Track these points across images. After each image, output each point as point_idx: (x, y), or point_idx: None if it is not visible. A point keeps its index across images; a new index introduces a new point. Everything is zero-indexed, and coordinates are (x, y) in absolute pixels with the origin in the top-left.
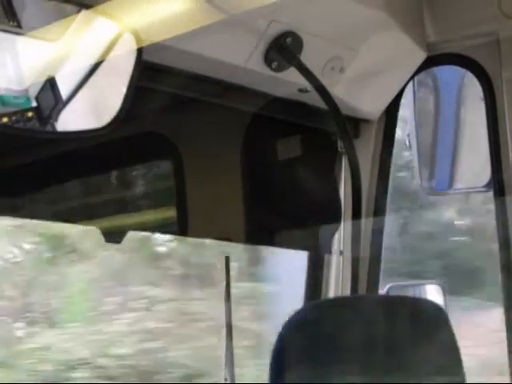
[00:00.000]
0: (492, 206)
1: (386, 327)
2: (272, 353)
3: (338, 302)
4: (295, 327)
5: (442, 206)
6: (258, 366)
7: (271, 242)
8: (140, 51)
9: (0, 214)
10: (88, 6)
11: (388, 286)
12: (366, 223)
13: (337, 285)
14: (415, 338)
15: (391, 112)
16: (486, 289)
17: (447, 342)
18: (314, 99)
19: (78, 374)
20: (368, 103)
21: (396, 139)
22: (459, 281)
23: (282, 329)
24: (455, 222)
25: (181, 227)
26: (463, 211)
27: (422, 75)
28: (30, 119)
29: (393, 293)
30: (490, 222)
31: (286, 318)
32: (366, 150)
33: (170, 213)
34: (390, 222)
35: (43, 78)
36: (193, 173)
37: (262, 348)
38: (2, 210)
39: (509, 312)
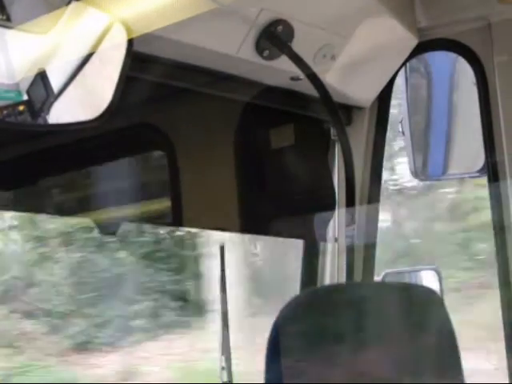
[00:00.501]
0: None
1: (381, 314)
2: (268, 339)
3: (334, 289)
4: (291, 314)
5: None
6: None
7: (266, 230)
8: (130, 42)
9: None
10: None
11: (384, 273)
12: (360, 210)
13: (332, 272)
14: (410, 324)
15: (383, 99)
16: None
17: (443, 328)
18: (306, 87)
19: None
20: (360, 90)
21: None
22: None
23: (278, 316)
24: None
25: (175, 218)
26: None
27: (413, 61)
28: (21, 113)
29: (389, 279)
30: None
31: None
32: (359, 138)
33: (165, 203)
34: None
35: (34, 71)
36: (186, 163)
37: None
38: None
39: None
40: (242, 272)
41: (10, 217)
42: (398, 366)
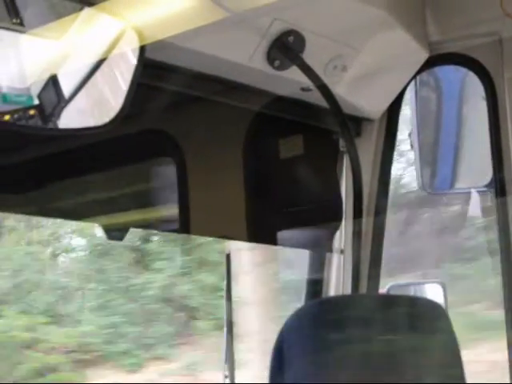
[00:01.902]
0: None
1: (385, 326)
2: (272, 350)
3: (339, 300)
4: (296, 325)
5: None
6: None
7: (273, 240)
8: (143, 49)
9: (3, 210)
10: (90, 4)
11: (389, 285)
12: (367, 222)
13: (337, 283)
14: (415, 337)
15: (393, 111)
16: None
17: (447, 341)
18: (316, 98)
19: None
20: (370, 102)
21: None
22: None
23: (283, 327)
24: None
25: (182, 225)
26: None
27: (423, 74)
28: (32, 117)
29: (393, 292)
30: None
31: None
32: (368, 149)
33: (172, 210)
34: None
35: (45, 76)
36: (195, 171)
37: None
38: (5, 207)
39: (509, 312)
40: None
41: None
42: (403, 379)
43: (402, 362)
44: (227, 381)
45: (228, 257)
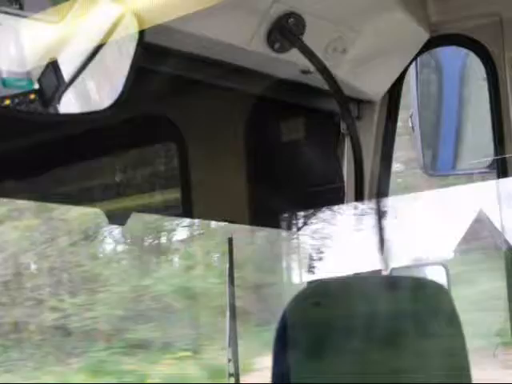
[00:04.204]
0: None
1: (388, 307)
2: (276, 331)
3: (342, 282)
4: (299, 306)
5: None
6: None
7: (274, 223)
8: (142, 33)
9: (4, 196)
10: None
11: (391, 268)
12: (369, 204)
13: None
14: (418, 318)
15: (394, 93)
16: None
17: (450, 320)
18: (317, 80)
19: None
20: (370, 84)
21: None
22: None
23: (286, 307)
24: None
25: (185, 209)
26: None
27: (424, 56)
28: (32, 101)
29: (396, 273)
30: None
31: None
32: (369, 131)
33: (174, 195)
34: None
35: (45, 61)
36: (196, 155)
37: None
38: (6, 192)
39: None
40: None
41: None
42: (406, 360)
43: (406, 344)
44: (231, 365)
45: (230, 241)
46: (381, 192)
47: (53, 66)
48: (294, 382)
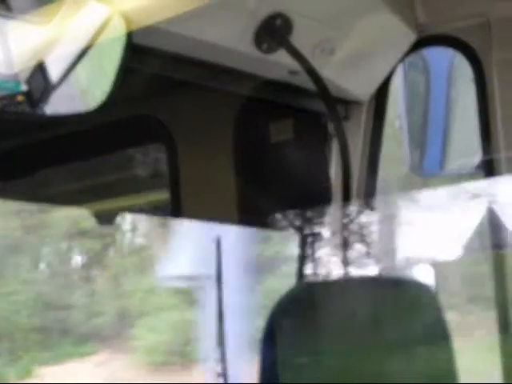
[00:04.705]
0: None
1: (374, 308)
2: (263, 332)
3: (329, 283)
4: (286, 307)
5: None
6: None
7: (262, 223)
8: (130, 34)
9: None
10: None
11: (379, 267)
12: (356, 205)
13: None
14: (403, 317)
15: (381, 94)
16: None
17: (435, 320)
18: (305, 81)
19: None
20: (358, 85)
21: None
22: None
23: (273, 309)
24: None
25: (174, 209)
26: None
27: (412, 57)
28: (20, 103)
29: (384, 273)
30: None
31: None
32: (357, 132)
33: (163, 195)
34: None
35: (33, 62)
36: (185, 155)
37: None
38: None
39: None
40: None
41: None
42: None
43: (390, 343)
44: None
45: (218, 241)
46: (368, 192)
47: (41, 68)
48: (280, 382)
